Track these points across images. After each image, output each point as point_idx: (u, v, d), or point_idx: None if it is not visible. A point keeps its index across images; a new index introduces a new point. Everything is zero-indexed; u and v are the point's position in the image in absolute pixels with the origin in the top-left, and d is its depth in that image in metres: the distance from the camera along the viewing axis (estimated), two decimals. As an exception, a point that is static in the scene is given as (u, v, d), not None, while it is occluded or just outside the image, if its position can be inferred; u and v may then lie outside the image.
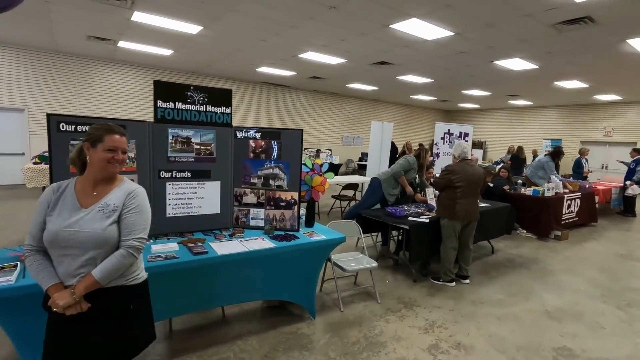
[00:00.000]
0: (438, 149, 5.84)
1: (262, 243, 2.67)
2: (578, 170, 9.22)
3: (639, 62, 7.49)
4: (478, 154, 15.47)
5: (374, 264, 3.35)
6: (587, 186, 7.22)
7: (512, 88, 11.54)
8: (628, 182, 8.29)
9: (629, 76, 8.95)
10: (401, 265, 4.32)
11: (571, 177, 9.51)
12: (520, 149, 10.80)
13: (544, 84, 10.47)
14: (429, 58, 8.09)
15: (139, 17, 6.03)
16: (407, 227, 3.62)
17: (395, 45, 7.12)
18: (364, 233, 4.14)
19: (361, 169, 14.40)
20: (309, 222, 3.13)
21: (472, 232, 3.84)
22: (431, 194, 6.13)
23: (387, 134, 8.65)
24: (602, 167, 14.39)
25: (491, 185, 6.34)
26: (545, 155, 8.08)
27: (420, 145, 4.56)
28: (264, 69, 10.24)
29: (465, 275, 3.93)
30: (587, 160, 9.39)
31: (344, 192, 7.09)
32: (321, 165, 3.17)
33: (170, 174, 2.71)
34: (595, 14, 5.05)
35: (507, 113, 17.16)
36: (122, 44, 7.94)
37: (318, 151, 13.13)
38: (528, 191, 6.19)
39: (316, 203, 3.30)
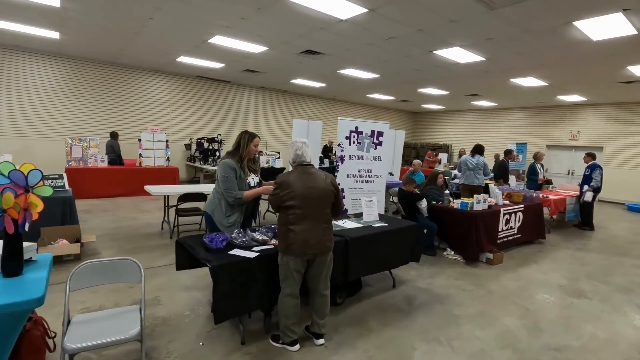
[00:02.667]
0: (342, 150, 4.65)
1: None
2: (532, 177, 8.18)
3: (591, 52, 6.48)
4: (443, 157, 14.47)
5: (126, 335, 2.06)
6: (533, 196, 6.15)
7: (468, 86, 10.53)
8: (585, 187, 7.27)
9: (586, 71, 7.98)
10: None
11: (524, 186, 8.49)
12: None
13: (499, 80, 9.48)
14: (357, 46, 6.95)
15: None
16: (209, 266, 2.37)
17: (307, 27, 5.94)
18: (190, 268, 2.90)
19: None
20: (7, 268, 1.86)
21: (324, 271, 2.62)
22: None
23: (315, 133, 7.46)
24: (569, 173, 13.55)
25: (416, 194, 5.18)
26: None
27: (243, 133, 3.25)
28: (184, 59, 8.96)
29: (319, 334, 2.71)
30: (542, 165, 8.37)
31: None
32: (27, 175, 1.90)
33: None
34: (523, -21, 3.95)
35: (473, 115, 16.25)
36: (-14, 21, 6.55)
37: (260, 153, 11.84)
38: (456, 203, 5.05)
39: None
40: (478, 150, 7.41)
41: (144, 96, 10.68)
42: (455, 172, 11.01)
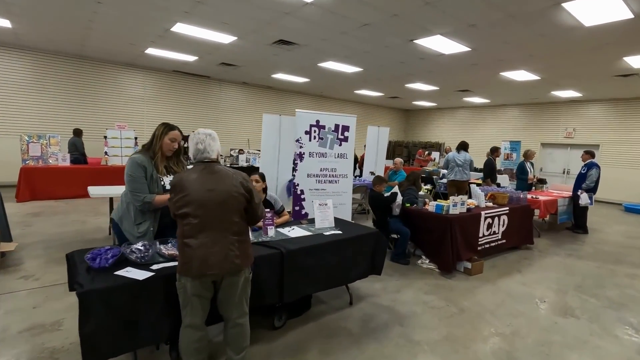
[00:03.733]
0: (302, 147, 4.12)
1: None
2: (522, 176, 7.65)
3: (584, 40, 5.96)
4: (436, 156, 13.97)
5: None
6: (520, 197, 5.62)
7: (457, 80, 10.00)
8: (579, 191, 6.76)
9: (579, 63, 7.45)
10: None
11: (509, 187, 7.99)
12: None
13: (489, 74, 8.95)
14: (332, 35, 6.41)
15: None
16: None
17: (272, 12, 5.41)
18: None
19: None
20: None
21: (237, 295, 2.08)
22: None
23: (287, 130, 6.93)
24: (564, 172, 13.04)
25: (393, 196, 4.65)
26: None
27: (160, 124, 2.74)
28: (153, 51, 8.41)
29: (234, 372, 2.18)
30: (532, 164, 7.84)
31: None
32: None
33: None
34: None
35: (466, 113, 15.73)
36: None
37: (240, 151, 11.33)
38: (431, 206, 4.53)
39: None
40: (463, 147, 7.17)
41: (116, 91, 10.14)
42: (444, 171, 10.50)
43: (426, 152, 14.19)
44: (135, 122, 10.48)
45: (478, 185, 8.03)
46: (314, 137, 4.22)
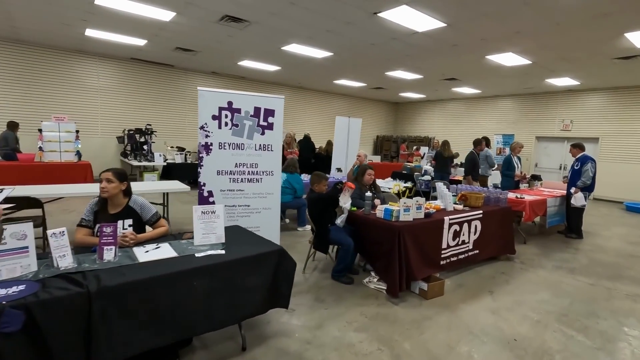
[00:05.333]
0: (208, 136, 3.18)
1: None
2: (507, 172, 6.69)
3: (577, 11, 4.98)
4: (424, 151, 12.98)
5: None
6: (500, 197, 4.66)
7: (440, 66, 9.03)
8: (572, 190, 5.82)
9: (573, 42, 6.47)
10: None
11: (492, 184, 7.05)
12: (445, 144, 8.27)
13: (474, 58, 7.98)
14: (281, 7, 5.47)
15: None
16: None
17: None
18: None
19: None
20: None
21: None
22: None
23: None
24: (560, 168, 12.06)
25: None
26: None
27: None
28: (93, 33, 7.47)
29: None
30: (519, 159, 6.87)
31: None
32: None
33: None
34: None
35: (457, 105, 14.74)
36: None
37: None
38: (379, 210, 3.58)
39: None
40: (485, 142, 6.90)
41: (65, 81, 9.19)
42: (427, 167, 9.56)
43: (415, 147, 13.23)
44: (88, 115, 9.56)
45: (457, 183, 7.10)
46: (226, 124, 3.29)
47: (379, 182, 8.90)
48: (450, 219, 3.80)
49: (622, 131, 10.52)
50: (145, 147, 8.89)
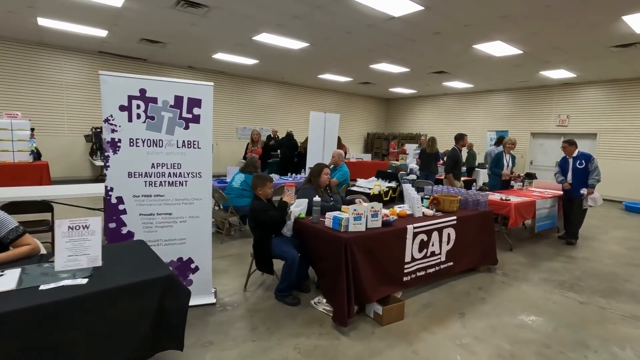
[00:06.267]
0: (115, 131, 2.60)
1: None
2: (495, 170, 6.12)
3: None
4: (410, 148, 12.38)
5: None
6: (480, 200, 4.09)
7: (427, 58, 8.44)
8: (583, 191, 5.23)
9: (566, 28, 5.88)
10: None
11: (480, 184, 6.48)
12: (431, 141, 7.69)
13: (461, 48, 7.40)
14: (235, -13, 4.88)
15: None
16: None
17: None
18: None
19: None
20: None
21: None
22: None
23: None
24: (556, 165, 11.43)
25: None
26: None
27: None
28: (47, 23, 6.90)
29: None
30: (512, 157, 6.29)
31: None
32: None
33: None
34: None
35: (450, 100, 14.15)
36: None
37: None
38: (328, 218, 3.01)
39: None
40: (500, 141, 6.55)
41: (24, 76, 8.62)
42: (413, 165, 9.00)
43: (400, 144, 12.66)
44: (53, 112, 8.99)
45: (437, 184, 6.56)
46: (138, 116, 2.72)
47: (361, 181, 8.37)
48: (415, 227, 3.22)
49: (621, 127, 9.94)
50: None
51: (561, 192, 5.88)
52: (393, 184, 8.34)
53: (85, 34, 7.57)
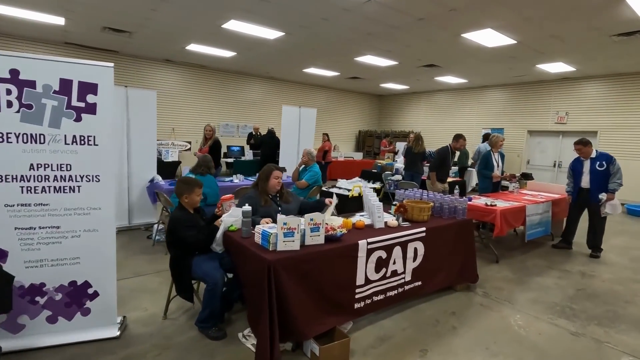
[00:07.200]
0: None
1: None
2: (484, 171, 5.51)
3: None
4: (401, 147, 11.77)
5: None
6: (457, 207, 3.50)
7: (413, 49, 7.83)
8: (602, 196, 4.61)
9: (562, 12, 5.26)
10: None
11: (473, 184, 5.89)
12: (417, 139, 7.09)
13: (448, 37, 6.80)
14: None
15: None
16: None
17: None
18: None
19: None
20: None
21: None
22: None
23: (142, 107, 4.88)
24: (555, 165, 10.87)
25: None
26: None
27: None
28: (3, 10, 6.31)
29: None
30: (501, 156, 5.68)
31: None
32: None
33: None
34: None
35: (445, 97, 13.55)
36: None
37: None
38: (257, 233, 2.42)
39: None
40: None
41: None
42: (399, 165, 8.41)
43: (389, 142, 12.05)
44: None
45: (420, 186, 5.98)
46: (9, 104, 2.15)
47: (342, 182, 7.77)
48: (369, 243, 2.63)
49: (623, 124, 9.32)
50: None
51: (557, 196, 5.30)
52: (377, 185, 7.76)
53: (41, 22, 6.98)
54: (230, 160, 10.13)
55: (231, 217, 2.72)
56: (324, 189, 6.91)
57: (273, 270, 2.12)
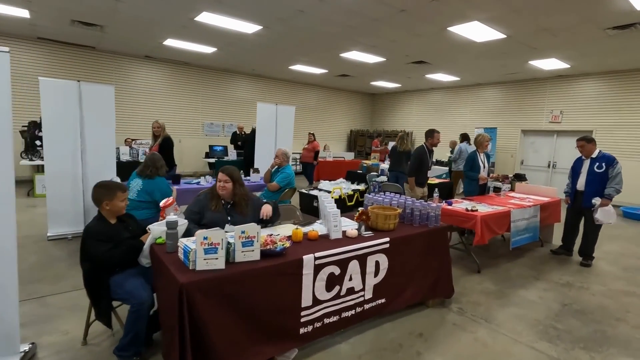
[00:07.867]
0: None
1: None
2: (470, 174, 5.15)
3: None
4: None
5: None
6: (430, 214, 3.14)
7: (400, 43, 7.47)
8: (595, 200, 4.27)
9: (550, 1, 4.91)
10: None
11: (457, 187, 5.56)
12: (402, 138, 6.75)
13: (435, 31, 6.45)
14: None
15: None
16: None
17: None
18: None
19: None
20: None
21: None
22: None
23: (100, 103, 4.51)
24: (549, 165, 10.51)
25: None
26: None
27: None
28: (-49, -1, 5.93)
29: None
30: (487, 156, 5.33)
31: None
32: None
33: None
34: None
35: (438, 95, 13.20)
36: None
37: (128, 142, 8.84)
38: (180, 248, 2.05)
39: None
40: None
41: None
42: (384, 165, 8.06)
43: (381, 142, 11.70)
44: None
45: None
46: None
47: (324, 183, 7.40)
48: (317, 258, 2.27)
49: (620, 123, 8.98)
50: (40, 141, 7.35)
51: (546, 200, 4.95)
52: (361, 187, 7.40)
53: (7, 15, 6.61)
54: (212, 160, 9.77)
55: (162, 226, 2.35)
56: (303, 190, 6.55)
57: (186, 294, 1.76)
